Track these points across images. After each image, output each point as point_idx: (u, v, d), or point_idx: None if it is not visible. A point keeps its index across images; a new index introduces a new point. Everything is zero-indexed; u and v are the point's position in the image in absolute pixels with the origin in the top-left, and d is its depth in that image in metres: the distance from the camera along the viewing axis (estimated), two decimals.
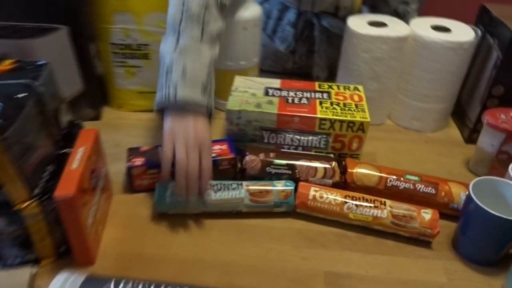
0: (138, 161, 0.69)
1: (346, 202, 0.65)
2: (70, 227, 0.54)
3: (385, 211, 0.64)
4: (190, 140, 0.61)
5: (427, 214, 0.64)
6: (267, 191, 0.66)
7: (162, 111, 0.66)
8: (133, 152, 0.71)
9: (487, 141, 0.75)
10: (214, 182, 0.67)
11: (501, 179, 0.62)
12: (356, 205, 0.64)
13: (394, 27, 0.84)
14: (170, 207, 0.65)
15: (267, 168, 0.69)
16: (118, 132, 0.86)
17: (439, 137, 0.89)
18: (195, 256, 0.61)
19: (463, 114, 0.90)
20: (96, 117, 0.89)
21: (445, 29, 0.83)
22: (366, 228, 0.66)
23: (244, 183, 0.67)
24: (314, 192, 0.66)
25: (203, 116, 0.65)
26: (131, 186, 0.71)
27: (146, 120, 0.90)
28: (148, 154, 0.71)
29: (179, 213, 0.66)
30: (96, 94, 0.88)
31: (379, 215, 0.64)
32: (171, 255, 0.61)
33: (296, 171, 0.69)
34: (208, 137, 0.63)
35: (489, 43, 0.82)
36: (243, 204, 0.65)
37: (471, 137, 0.86)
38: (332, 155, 0.73)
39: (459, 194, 0.67)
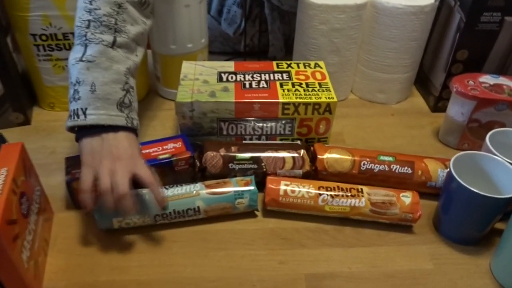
0: (79, 172, 0.59)
1: (320, 194, 0.59)
2: (0, 268, 0.44)
3: (363, 199, 0.59)
4: (113, 161, 0.51)
5: (407, 198, 0.59)
6: (225, 182, 0.60)
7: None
8: (72, 162, 0.61)
9: (457, 109, 0.71)
10: (170, 186, 0.59)
11: (481, 153, 0.59)
12: (332, 196, 0.59)
13: None
14: (115, 217, 0.56)
15: (230, 165, 0.62)
16: (53, 137, 0.75)
17: (404, 108, 0.86)
18: (158, 278, 0.53)
19: (427, 82, 0.86)
20: (25, 122, 0.77)
21: None
22: (343, 219, 0.61)
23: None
24: (284, 186, 0.60)
25: (126, 133, 0.55)
26: (74, 201, 0.61)
27: None
28: None
29: (131, 227, 0.58)
30: (21, 95, 0.75)
31: (357, 204, 0.58)
32: (130, 280, 0.53)
33: (263, 164, 0.62)
34: (135, 153, 0.54)
35: (449, 4, 0.77)
36: (200, 198, 0.58)
37: (437, 105, 0.83)
38: (299, 142, 0.67)
39: (436, 171, 0.63)
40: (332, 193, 0.59)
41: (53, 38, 0.71)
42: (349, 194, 0.59)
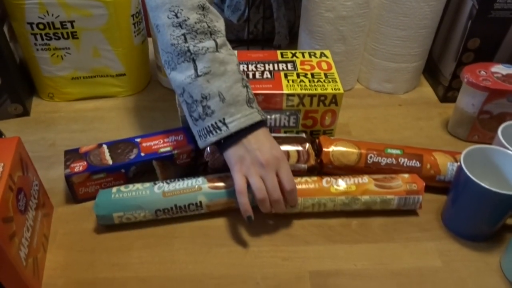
0: (79, 166, 0.58)
1: (323, 178, 0.58)
2: None
3: (365, 177, 0.58)
4: (263, 167, 0.53)
5: (405, 174, 0.59)
6: (227, 176, 0.58)
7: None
8: (72, 155, 0.60)
9: (467, 100, 0.69)
10: (171, 180, 0.58)
11: (493, 146, 0.57)
12: (335, 178, 0.58)
13: None
14: (114, 211, 0.55)
15: None
16: (52, 128, 0.73)
17: (412, 98, 0.83)
18: (159, 274, 0.52)
19: (436, 71, 0.83)
20: (24, 113, 0.75)
21: None
22: (349, 213, 0.59)
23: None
24: None
25: (261, 129, 0.55)
26: (74, 196, 0.60)
27: (84, 110, 0.77)
28: (90, 156, 0.60)
29: (131, 222, 0.56)
30: (19, 85, 0.73)
31: (360, 181, 0.58)
32: (131, 277, 0.52)
33: None
34: (279, 154, 0.54)
35: None
36: (202, 193, 0.56)
37: (446, 96, 0.80)
38: (304, 135, 0.65)
39: (445, 164, 0.61)
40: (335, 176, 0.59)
41: (50, 27, 0.69)
42: (351, 176, 0.59)
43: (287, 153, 0.61)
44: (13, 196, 0.46)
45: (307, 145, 0.62)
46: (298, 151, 0.61)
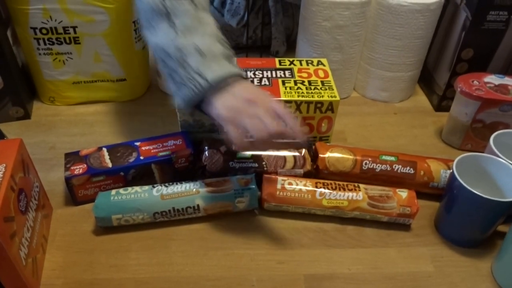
0: (79, 168, 0.59)
1: (318, 188, 0.59)
2: None
3: (360, 193, 0.59)
4: (252, 109, 0.50)
5: (403, 193, 0.59)
6: (225, 180, 0.59)
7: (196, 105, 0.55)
8: (72, 157, 0.61)
9: (461, 109, 0.70)
10: (170, 183, 0.59)
11: (484, 154, 0.58)
12: (329, 189, 0.59)
13: None
14: (114, 213, 0.56)
15: (230, 163, 0.61)
16: (53, 132, 0.74)
17: (407, 106, 0.85)
18: (156, 276, 0.53)
19: (431, 80, 0.85)
20: (25, 116, 0.76)
21: None
22: (344, 219, 0.60)
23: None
24: (282, 181, 0.59)
25: (243, 80, 0.54)
26: (73, 198, 0.60)
27: (85, 114, 0.78)
28: (90, 158, 0.60)
29: (129, 224, 0.57)
30: (21, 89, 0.74)
31: (354, 197, 0.58)
32: (128, 278, 0.53)
33: (263, 163, 0.62)
34: (263, 93, 0.53)
35: (455, 2, 0.76)
36: (200, 196, 0.57)
37: (440, 105, 0.82)
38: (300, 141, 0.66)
39: (439, 171, 0.62)
40: (330, 187, 0.59)
41: (53, 32, 0.70)
42: (346, 188, 0.59)
43: (284, 158, 0.62)
44: (15, 196, 0.47)
45: (304, 150, 0.63)
46: (294, 156, 0.62)
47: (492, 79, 0.70)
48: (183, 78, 0.53)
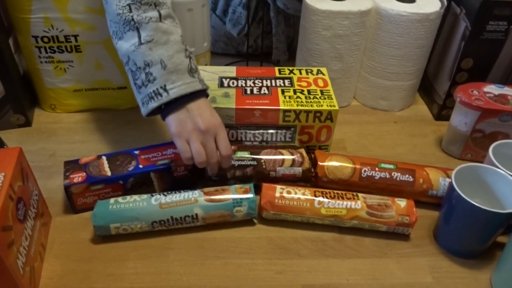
0: (78, 177, 0.59)
1: (316, 197, 0.58)
2: None
3: (359, 202, 0.59)
4: (203, 133, 0.56)
5: (402, 202, 0.59)
6: (224, 189, 0.59)
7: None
8: (71, 166, 0.61)
9: (460, 119, 0.70)
10: (168, 192, 0.59)
11: (483, 165, 0.58)
12: (328, 198, 0.59)
13: (355, 0, 0.76)
14: (112, 222, 0.56)
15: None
16: (53, 139, 0.74)
17: (407, 115, 0.85)
18: (154, 285, 0.53)
19: (431, 89, 0.85)
20: (26, 123, 0.77)
21: None
22: (342, 228, 0.60)
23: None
24: (280, 189, 0.59)
25: (202, 98, 0.57)
26: (72, 206, 0.61)
27: (85, 121, 0.78)
28: (89, 167, 0.61)
29: (128, 233, 0.57)
30: (22, 96, 0.75)
31: (353, 206, 0.58)
32: (126, 287, 0.52)
33: (262, 161, 0.62)
34: (218, 121, 0.57)
35: (455, 12, 0.76)
36: (198, 205, 0.57)
37: (440, 114, 0.82)
38: (299, 144, 0.66)
39: (437, 179, 0.62)
40: (328, 196, 0.59)
41: (54, 40, 0.71)
42: (345, 197, 0.59)
43: (282, 160, 0.62)
44: (13, 205, 0.47)
45: (302, 149, 0.63)
46: (292, 154, 0.63)
47: (492, 89, 0.70)
48: (147, 89, 0.55)
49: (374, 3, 0.76)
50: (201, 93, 0.57)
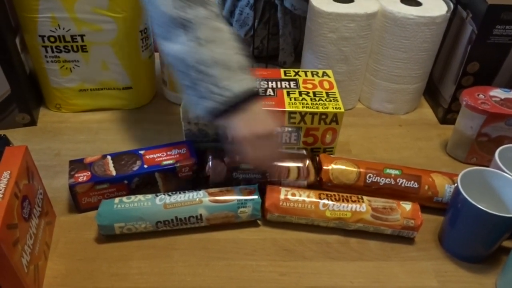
0: (83, 176, 0.59)
1: (321, 199, 0.58)
2: (0, 273, 0.44)
3: (364, 204, 0.58)
4: (259, 136, 0.55)
5: (407, 205, 0.59)
6: (228, 190, 0.59)
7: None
8: (76, 165, 0.61)
9: (466, 123, 0.70)
10: (173, 192, 0.59)
11: (489, 169, 0.58)
12: (333, 200, 0.59)
13: (362, 3, 0.76)
14: (116, 220, 0.56)
15: (234, 174, 0.61)
16: (58, 139, 0.75)
17: (412, 118, 0.84)
18: (157, 285, 0.53)
19: (436, 93, 0.85)
20: (31, 123, 0.77)
21: (416, 3, 0.77)
22: (347, 231, 0.60)
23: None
24: (285, 192, 0.59)
25: (255, 96, 0.55)
26: (76, 205, 0.61)
27: (90, 121, 0.79)
28: (94, 166, 0.61)
29: (132, 233, 0.57)
30: (27, 96, 0.75)
31: (358, 209, 0.58)
32: (130, 287, 0.52)
33: (267, 174, 0.61)
34: (272, 123, 0.57)
35: (461, 16, 0.76)
36: (202, 206, 0.57)
37: (446, 117, 0.82)
38: (304, 151, 0.66)
39: (443, 186, 0.62)
40: (333, 198, 0.59)
41: (61, 40, 0.71)
42: (350, 200, 0.59)
43: (288, 169, 0.62)
44: (18, 203, 0.47)
45: (307, 161, 0.63)
46: (298, 168, 0.62)
47: (498, 93, 0.70)
48: (204, 91, 0.53)
49: (381, 6, 0.76)
50: (254, 91, 0.55)
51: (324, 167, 0.63)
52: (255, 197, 0.59)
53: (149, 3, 0.55)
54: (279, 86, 0.69)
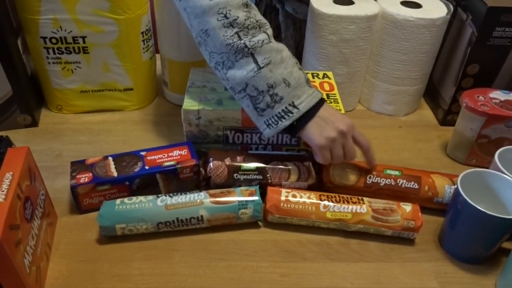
0: (84, 177, 0.59)
1: (322, 201, 0.59)
2: (1, 274, 0.44)
3: (364, 206, 0.59)
4: (345, 135, 0.58)
5: (407, 206, 0.59)
6: (229, 191, 0.59)
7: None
8: (78, 166, 0.61)
9: (466, 124, 0.70)
10: (174, 193, 0.59)
11: (489, 170, 0.58)
12: (333, 202, 0.59)
13: (362, 5, 0.76)
14: (117, 221, 0.57)
15: (235, 175, 0.62)
16: (59, 140, 0.75)
17: (412, 120, 0.85)
18: (158, 286, 0.53)
19: (436, 95, 0.85)
20: (32, 124, 0.77)
21: (416, 5, 0.77)
22: (348, 232, 0.60)
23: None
24: (286, 193, 0.59)
25: (325, 104, 0.59)
26: (78, 206, 0.61)
27: (91, 122, 0.79)
28: (96, 167, 0.61)
29: (133, 234, 0.57)
30: (29, 97, 0.75)
31: (358, 210, 0.58)
32: None
33: (268, 175, 0.62)
34: (348, 119, 0.59)
35: (461, 18, 0.76)
36: (204, 207, 0.57)
37: (445, 119, 0.82)
38: (305, 153, 0.66)
39: (443, 187, 0.62)
40: (334, 200, 0.59)
41: (63, 41, 0.72)
42: (350, 201, 0.59)
43: (288, 171, 0.62)
44: (21, 204, 0.48)
45: (308, 163, 0.63)
46: (299, 169, 0.63)
47: (498, 95, 0.70)
48: (274, 110, 0.57)
49: (381, 8, 0.76)
50: (322, 100, 0.59)
51: (325, 169, 0.63)
52: (256, 198, 0.59)
53: (206, 35, 0.56)
54: None
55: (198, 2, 0.55)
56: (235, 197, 0.59)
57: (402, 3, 0.77)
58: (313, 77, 0.73)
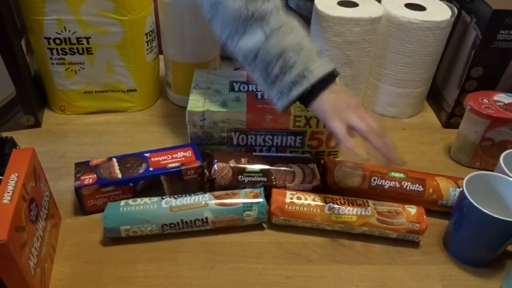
0: (88, 178, 0.59)
1: (326, 203, 0.58)
2: (7, 276, 0.44)
3: (369, 208, 0.58)
4: (357, 108, 0.56)
5: (412, 209, 0.59)
6: (234, 193, 0.59)
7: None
8: (82, 167, 0.61)
9: (470, 127, 0.70)
10: (179, 195, 0.59)
11: (495, 173, 0.58)
12: (338, 204, 0.59)
13: (366, 7, 0.76)
14: (122, 223, 0.56)
15: (239, 177, 0.61)
16: (63, 140, 0.75)
17: (415, 122, 0.85)
18: None
19: (440, 97, 0.85)
20: (36, 124, 0.77)
21: (420, 7, 0.77)
22: (352, 235, 0.60)
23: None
24: (291, 195, 0.59)
25: (336, 79, 0.57)
26: (82, 207, 0.61)
27: (95, 123, 0.79)
28: (100, 169, 0.61)
29: (138, 236, 0.57)
30: (32, 97, 0.75)
31: (363, 213, 0.58)
32: None
33: (272, 177, 0.62)
34: (357, 101, 0.57)
35: (465, 20, 0.77)
36: (208, 209, 0.57)
37: (449, 122, 0.82)
38: (309, 155, 0.66)
39: (448, 189, 0.62)
40: (338, 202, 0.59)
41: (66, 42, 0.71)
42: (355, 203, 0.59)
43: (293, 173, 0.62)
44: (26, 206, 0.48)
45: (313, 165, 0.63)
46: (303, 171, 0.62)
47: (502, 98, 0.70)
48: (288, 76, 0.54)
49: (385, 10, 0.76)
50: (336, 71, 0.57)
51: (329, 171, 0.63)
52: (261, 200, 0.59)
53: (215, 8, 0.56)
54: None
55: None
56: (239, 199, 0.58)
57: (406, 5, 0.77)
58: None
